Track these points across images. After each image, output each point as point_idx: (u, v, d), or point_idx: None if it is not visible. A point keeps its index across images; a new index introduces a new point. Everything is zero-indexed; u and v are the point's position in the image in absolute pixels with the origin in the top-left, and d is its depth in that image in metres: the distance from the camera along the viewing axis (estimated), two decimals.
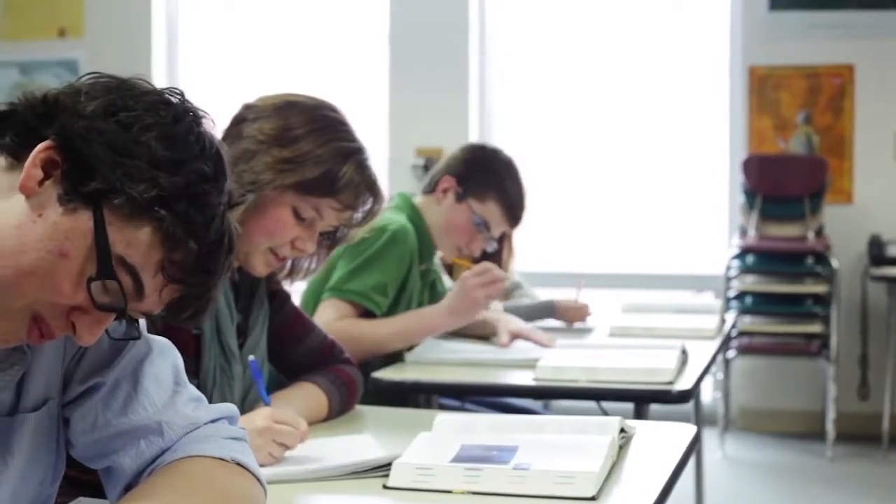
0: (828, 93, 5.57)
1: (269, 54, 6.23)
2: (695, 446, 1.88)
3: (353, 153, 1.94)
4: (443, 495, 1.55)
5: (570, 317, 3.47)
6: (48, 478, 1.32)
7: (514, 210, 2.95)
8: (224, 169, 1.22)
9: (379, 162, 5.87)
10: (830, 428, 5.17)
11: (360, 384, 2.13)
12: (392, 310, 2.78)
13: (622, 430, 1.78)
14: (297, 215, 1.92)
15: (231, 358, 1.94)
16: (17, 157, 1.16)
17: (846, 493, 4.67)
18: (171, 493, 1.23)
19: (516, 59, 6.06)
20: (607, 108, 5.94)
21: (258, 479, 1.34)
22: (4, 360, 1.23)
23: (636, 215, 5.91)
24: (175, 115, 1.18)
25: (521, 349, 2.76)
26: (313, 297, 2.76)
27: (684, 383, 2.41)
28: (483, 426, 1.80)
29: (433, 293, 2.96)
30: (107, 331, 1.21)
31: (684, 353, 2.61)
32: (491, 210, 2.92)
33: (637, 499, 1.57)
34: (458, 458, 1.63)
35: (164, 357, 1.36)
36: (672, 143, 5.87)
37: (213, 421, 1.35)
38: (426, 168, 5.88)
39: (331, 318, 2.60)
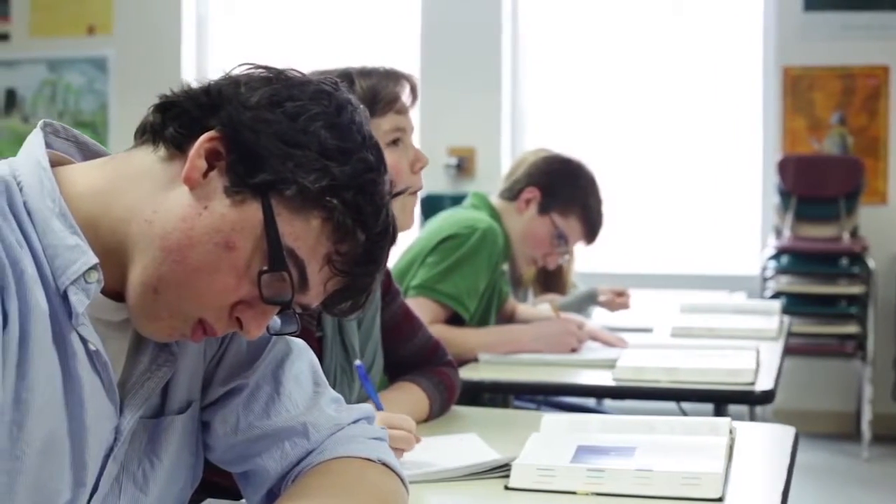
0: (862, 94, 5.57)
1: (300, 53, 6.21)
2: (797, 447, 1.88)
3: (356, 75, 1.96)
4: (566, 496, 1.54)
5: (613, 305, 3.52)
6: (189, 482, 1.31)
7: (594, 227, 2.97)
8: (384, 159, 1.21)
9: None
10: (866, 429, 5.18)
11: (458, 388, 2.12)
12: None
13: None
14: (395, 145, 1.95)
15: (353, 356, 1.92)
16: (181, 147, 1.15)
17: (883, 495, 4.67)
18: (326, 495, 1.22)
19: (549, 59, 6.05)
20: (640, 108, 5.94)
21: (402, 480, 1.33)
22: (153, 360, 1.23)
23: (669, 216, 5.91)
24: (338, 105, 1.17)
25: (595, 349, 2.76)
26: None
27: (763, 383, 2.42)
28: (593, 426, 1.80)
29: (500, 294, 2.95)
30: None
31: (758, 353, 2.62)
32: (572, 226, 2.93)
33: (761, 500, 1.57)
34: (577, 459, 1.62)
35: (303, 358, 1.35)
36: (706, 143, 5.87)
37: (354, 422, 1.35)
38: (459, 167, 5.88)
39: (422, 319, 2.60)
